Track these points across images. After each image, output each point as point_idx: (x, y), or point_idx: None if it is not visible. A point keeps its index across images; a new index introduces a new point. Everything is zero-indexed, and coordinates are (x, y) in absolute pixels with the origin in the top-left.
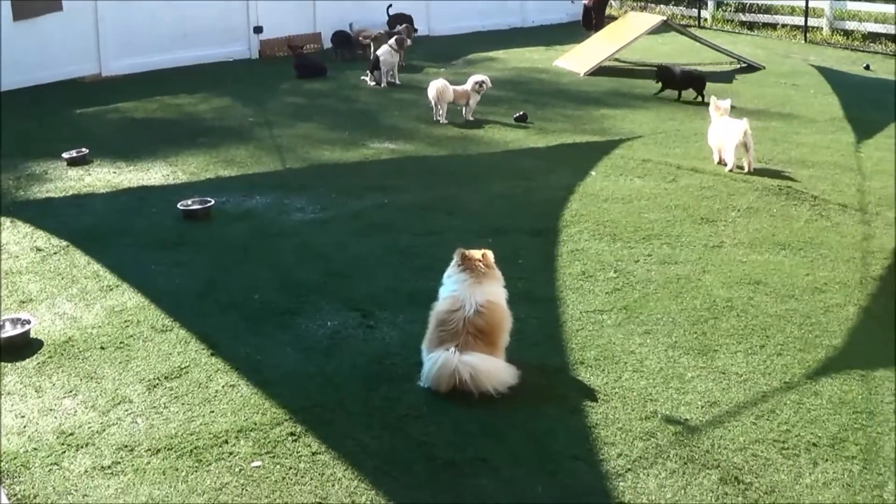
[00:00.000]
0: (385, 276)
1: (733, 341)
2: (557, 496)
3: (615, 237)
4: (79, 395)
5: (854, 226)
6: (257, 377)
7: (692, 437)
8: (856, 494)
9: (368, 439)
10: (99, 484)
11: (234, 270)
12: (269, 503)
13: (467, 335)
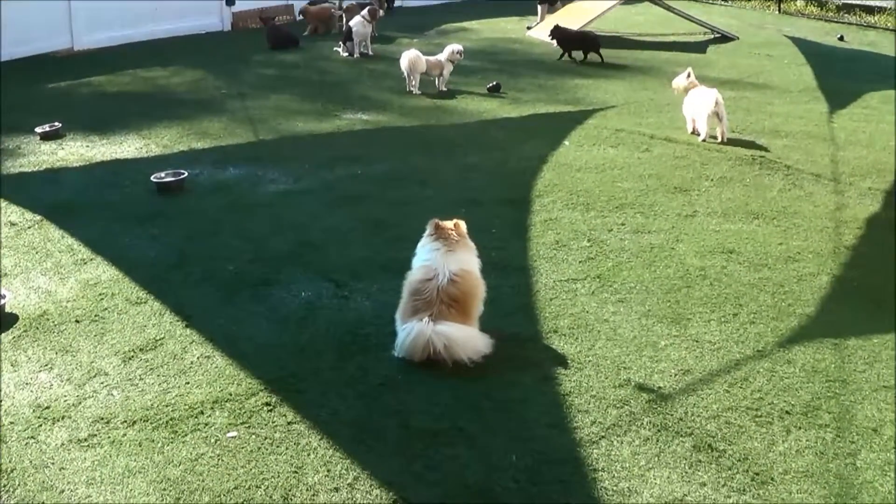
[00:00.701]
0: (359, 247)
1: (706, 310)
2: (531, 464)
3: (588, 206)
4: (54, 369)
5: (827, 195)
6: (232, 348)
7: (665, 404)
8: (829, 462)
9: (343, 409)
10: (75, 456)
11: (207, 242)
12: (244, 473)
13: (441, 304)
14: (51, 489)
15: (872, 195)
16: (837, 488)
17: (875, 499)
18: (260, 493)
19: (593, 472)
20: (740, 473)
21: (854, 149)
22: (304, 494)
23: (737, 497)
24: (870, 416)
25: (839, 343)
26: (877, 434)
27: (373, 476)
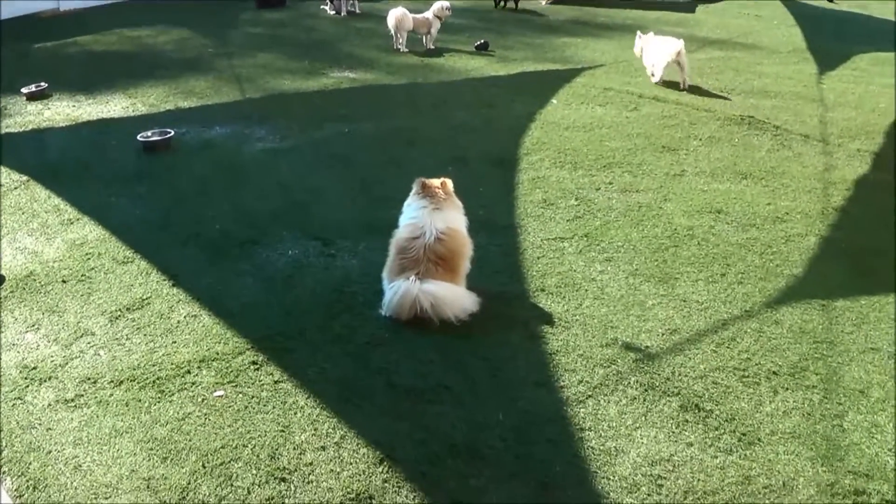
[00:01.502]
0: (345, 206)
1: (694, 269)
2: (518, 422)
3: (576, 165)
4: (41, 329)
5: (816, 156)
6: (219, 307)
7: (652, 364)
8: (816, 423)
9: (330, 367)
10: (62, 417)
11: (194, 201)
12: (231, 432)
13: (428, 262)
14: (37, 450)
15: (861, 157)
16: (824, 450)
17: (862, 460)
18: (247, 452)
19: (580, 432)
20: (727, 434)
21: (843, 110)
22: (291, 453)
23: (723, 457)
24: (857, 377)
25: (827, 304)
26: (864, 396)
27: (360, 435)
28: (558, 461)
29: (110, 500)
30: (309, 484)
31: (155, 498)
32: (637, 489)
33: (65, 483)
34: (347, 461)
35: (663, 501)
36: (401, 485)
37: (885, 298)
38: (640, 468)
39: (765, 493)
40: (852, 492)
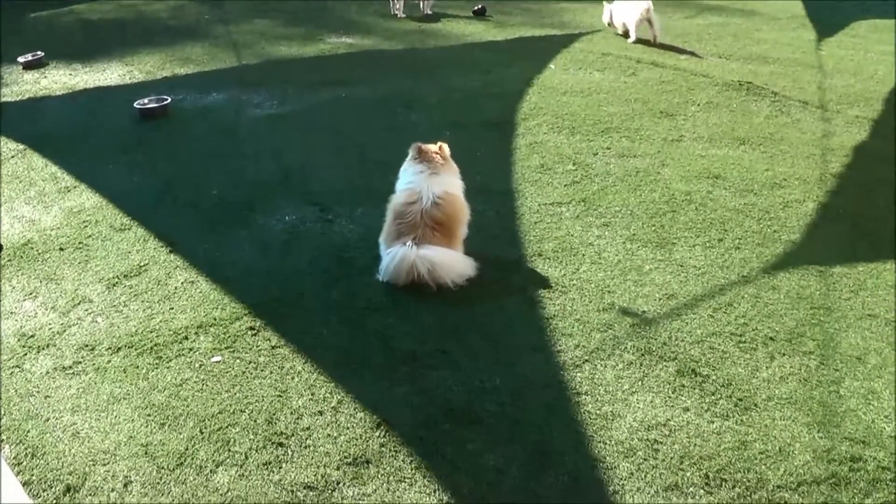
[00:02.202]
0: (342, 171)
1: (691, 234)
2: (515, 386)
3: (574, 130)
4: (39, 297)
5: (814, 123)
6: (216, 273)
7: (649, 328)
8: (812, 389)
9: (327, 333)
10: (60, 384)
11: (191, 168)
12: (229, 397)
13: (425, 227)
14: (36, 417)
15: (860, 123)
16: (821, 416)
17: (858, 427)
18: (244, 417)
19: (577, 396)
20: (723, 399)
21: (842, 77)
22: (288, 418)
23: (720, 422)
24: (854, 344)
25: (824, 270)
26: (861, 362)
27: (357, 399)
28: (555, 425)
29: (108, 467)
30: (306, 448)
31: (153, 464)
32: (633, 453)
33: (63, 450)
34: (344, 426)
35: (659, 466)
36: (398, 449)
37: (883, 265)
38: (637, 433)
39: (761, 458)
40: (848, 458)
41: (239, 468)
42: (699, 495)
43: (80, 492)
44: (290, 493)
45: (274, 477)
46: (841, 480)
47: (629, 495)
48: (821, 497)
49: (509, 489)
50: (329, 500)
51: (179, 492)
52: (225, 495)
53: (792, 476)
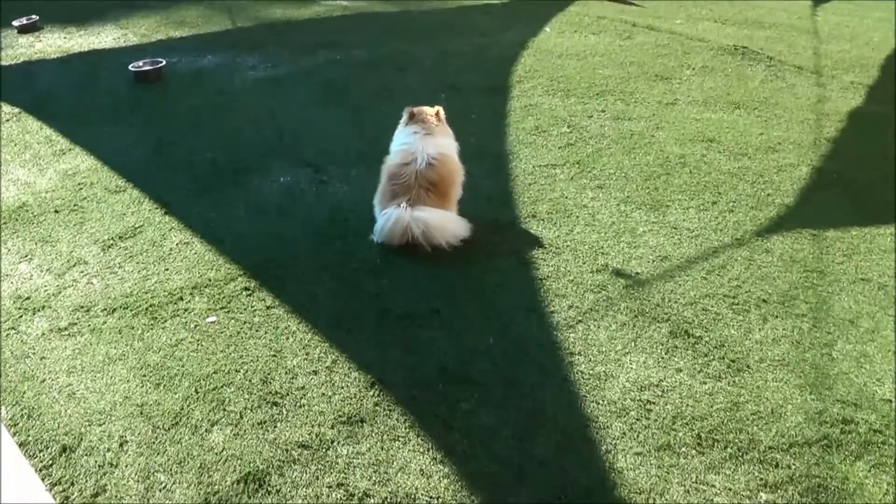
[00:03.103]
0: (337, 134)
1: (685, 197)
2: (508, 347)
3: (569, 93)
4: (34, 260)
5: (809, 88)
6: (211, 235)
7: (643, 290)
8: (805, 352)
9: (322, 293)
10: (56, 345)
11: (186, 130)
12: (224, 357)
13: (419, 188)
14: (32, 379)
15: (855, 89)
16: (813, 378)
17: (850, 389)
18: (239, 377)
19: (570, 356)
20: (716, 360)
21: (837, 42)
22: (283, 378)
23: (712, 383)
24: (847, 307)
25: (818, 234)
26: (853, 326)
27: (351, 359)
28: (548, 385)
29: (104, 427)
30: (301, 408)
31: (148, 423)
32: (626, 413)
33: (59, 411)
34: (339, 385)
35: (651, 426)
36: (392, 408)
37: (877, 230)
38: (629, 393)
39: (753, 419)
40: (840, 420)
41: (234, 427)
42: (691, 455)
43: (75, 452)
44: (284, 452)
45: (269, 436)
46: (833, 442)
47: (621, 455)
48: (812, 458)
49: (502, 448)
50: (323, 458)
51: (175, 451)
52: (220, 454)
53: (784, 437)
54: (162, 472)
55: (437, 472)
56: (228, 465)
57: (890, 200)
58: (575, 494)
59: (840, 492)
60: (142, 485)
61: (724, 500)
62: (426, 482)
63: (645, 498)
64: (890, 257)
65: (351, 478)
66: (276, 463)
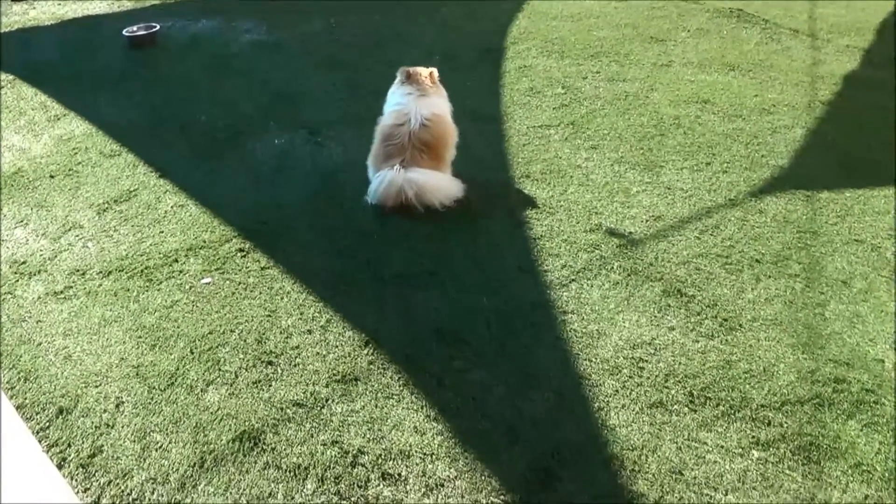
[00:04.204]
0: (332, 97)
1: (679, 158)
2: (502, 306)
3: (563, 54)
4: (30, 225)
5: (804, 51)
6: (205, 197)
7: (636, 249)
8: (797, 311)
9: (316, 254)
10: (52, 309)
11: (180, 94)
12: (219, 318)
13: (412, 149)
14: (28, 342)
15: (850, 53)
16: (805, 338)
17: (843, 349)
18: (234, 337)
19: (563, 315)
20: (709, 319)
21: (833, 6)
22: (277, 337)
23: (705, 342)
24: (840, 268)
25: (811, 195)
26: (846, 286)
27: (345, 319)
28: (541, 344)
29: (100, 388)
30: (295, 367)
31: (144, 384)
32: (619, 371)
33: (55, 373)
34: (333, 344)
35: (644, 384)
36: (386, 366)
37: (870, 192)
38: (622, 351)
39: (745, 377)
40: (832, 380)
41: (229, 387)
42: (683, 413)
43: (72, 413)
44: (279, 411)
45: (264, 395)
46: (825, 401)
47: (614, 412)
48: (804, 417)
49: (495, 406)
50: (318, 416)
51: (170, 411)
52: (215, 413)
53: (776, 396)
54: (158, 432)
55: (430, 429)
56: (224, 424)
57: (884, 163)
58: (567, 451)
59: (832, 450)
60: (138, 445)
61: (717, 457)
62: (420, 439)
63: (637, 455)
64: (884, 219)
65: (345, 435)
66: (271, 421)
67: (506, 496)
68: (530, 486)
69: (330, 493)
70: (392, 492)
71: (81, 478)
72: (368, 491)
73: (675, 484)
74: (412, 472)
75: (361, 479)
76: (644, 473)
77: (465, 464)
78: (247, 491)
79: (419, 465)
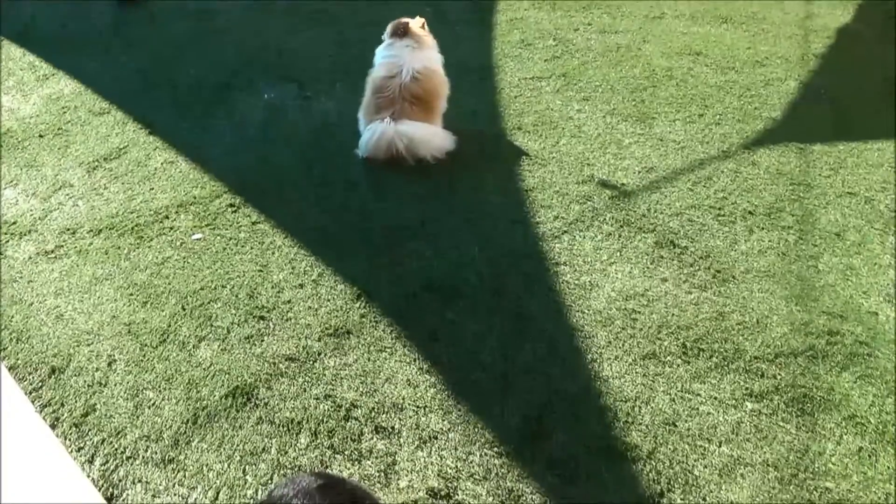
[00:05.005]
0: (321, 51)
1: (672, 109)
2: (494, 258)
3: (555, 6)
4: (20, 185)
5: (797, 4)
6: (196, 153)
7: (628, 201)
8: (791, 263)
9: (307, 208)
10: (43, 269)
11: (170, 52)
12: (210, 273)
13: (403, 102)
14: (20, 302)
15: (843, 6)
16: (799, 289)
17: (836, 302)
18: (226, 293)
19: (555, 266)
20: (702, 270)
21: None
22: (269, 292)
23: (698, 293)
24: (833, 220)
25: (804, 148)
26: (840, 239)
27: (337, 272)
28: (533, 296)
29: (92, 347)
30: (287, 321)
31: (136, 342)
32: (611, 322)
33: (47, 333)
34: (325, 298)
35: (637, 335)
36: (378, 320)
37: (864, 145)
38: (615, 302)
39: (738, 329)
40: (826, 332)
41: (221, 342)
42: (676, 364)
43: (64, 373)
44: (272, 366)
45: (256, 350)
46: (818, 353)
47: (607, 363)
48: (798, 369)
49: (488, 358)
50: (310, 370)
51: (163, 368)
52: (208, 370)
53: (769, 348)
54: (150, 390)
55: (423, 381)
56: (216, 380)
57: (877, 116)
58: (560, 403)
59: (825, 402)
60: (131, 402)
61: (710, 408)
62: (413, 392)
63: (630, 406)
64: (877, 172)
65: (338, 389)
66: (264, 376)
67: (499, 448)
68: (523, 437)
69: (323, 446)
70: (385, 445)
71: (75, 437)
72: (362, 444)
73: (668, 435)
74: (405, 424)
75: (355, 432)
76: (637, 425)
77: (458, 416)
78: (240, 446)
79: (412, 417)
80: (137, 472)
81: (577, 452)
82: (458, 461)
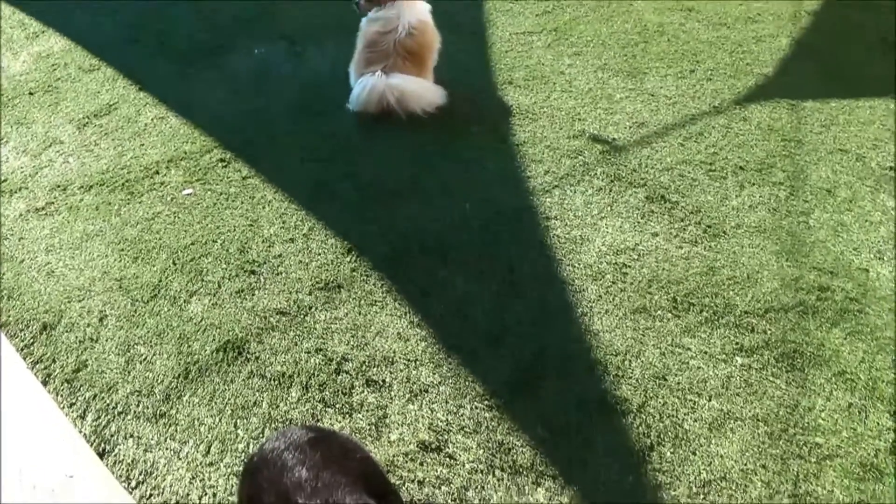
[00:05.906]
0: (312, 8)
1: (663, 65)
2: (485, 213)
3: None
4: (10, 143)
5: None
6: (186, 109)
7: (619, 155)
8: (781, 219)
9: (297, 163)
10: (34, 225)
11: (159, 8)
12: (201, 228)
13: (396, 56)
14: (11, 260)
15: None
16: (789, 245)
17: (827, 258)
18: (217, 247)
19: (546, 221)
20: (692, 225)
21: None
22: (260, 246)
23: (688, 248)
24: (824, 177)
25: (796, 104)
26: (830, 195)
27: (327, 227)
28: (524, 250)
29: (84, 303)
30: (278, 275)
31: (127, 297)
32: (602, 276)
33: (38, 290)
34: (316, 252)
35: (627, 289)
36: (368, 274)
37: (855, 102)
38: (605, 256)
39: (729, 283)
40: (816, 287)
41: (212, 297)
42: (667, 318)
43: (56, 329)
44: (262, 319)
45: (247, 304)
46: (809, 309)
47: (597, 318)
48: (788, 324)
49: (479, 312)
50: (301, 324)
51: (154, 323)
52: (199, 324)
53: (759, 303)
54: (142, 345)
55: (414, 335)
56: (207, 335)
57: (869, 74)
58: (551, 356)
59: (815, 357)
60: (122, 358)
61: (700, 363)
62: (404, 345)
63: (621, 360)
64: (868, 129)
65: (329, 343)
66: (255, 330)
67: (490, 401)
68: (514, 390)
69: (315, 400)
70: (376, 398)
71: (66, 393)
72: (353, 397)
73: (658, 389)
74: (396, 378)
75: (346, 385)
76: (627, 378)
77: (448, 369)
78: (231, 400)
79: (403, 371)
80: (129, 427)
81: (567, 406)
82: (448, 414)
